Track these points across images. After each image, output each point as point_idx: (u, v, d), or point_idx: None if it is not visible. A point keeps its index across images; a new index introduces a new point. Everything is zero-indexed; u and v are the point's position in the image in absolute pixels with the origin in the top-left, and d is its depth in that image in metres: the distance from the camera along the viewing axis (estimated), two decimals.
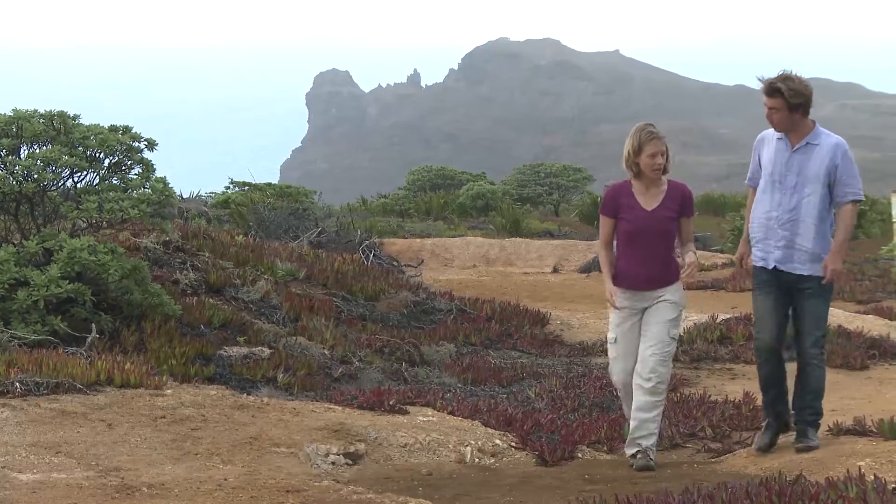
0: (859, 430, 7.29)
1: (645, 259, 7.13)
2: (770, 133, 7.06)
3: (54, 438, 6.76)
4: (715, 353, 10.92)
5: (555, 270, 21.02)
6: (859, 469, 5.37)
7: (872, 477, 4.92)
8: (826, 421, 7.77)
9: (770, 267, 7.00)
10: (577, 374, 10.22)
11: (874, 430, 7.18)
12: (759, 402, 7.55)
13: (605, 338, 7.61)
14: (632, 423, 7.19)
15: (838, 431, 7.37)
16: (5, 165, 9.49)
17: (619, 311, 7.22)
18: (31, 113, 9.71)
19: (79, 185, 9.75)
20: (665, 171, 7.17)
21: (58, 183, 9.66)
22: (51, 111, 9.78)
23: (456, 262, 22.00)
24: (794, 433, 7.17)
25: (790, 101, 6.81)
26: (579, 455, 7.63)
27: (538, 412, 8.72)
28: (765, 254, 7.03)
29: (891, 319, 12.49)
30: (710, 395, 9.06)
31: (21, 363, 7.85)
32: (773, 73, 6.96)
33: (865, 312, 13.37)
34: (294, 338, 10.40)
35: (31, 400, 7.37)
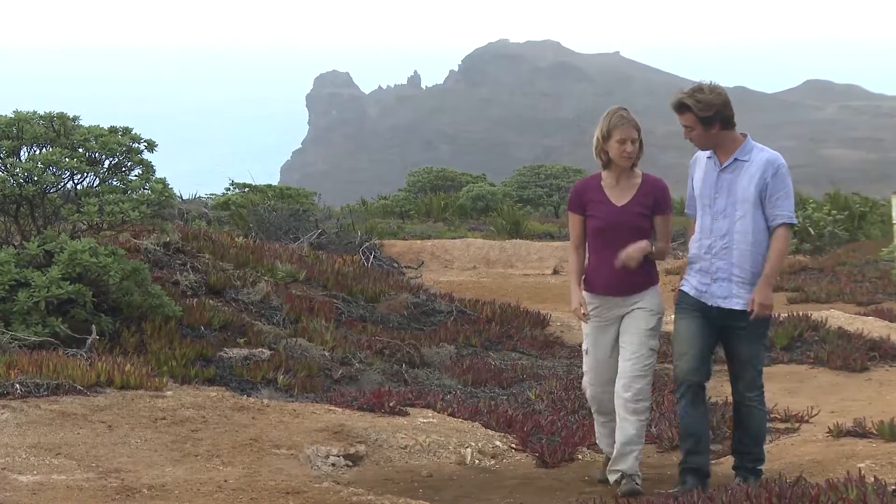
0: (859, 431, 7.31)
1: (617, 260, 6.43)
2: (702, 153, 6.43)
3: (54, 440, 6.76)
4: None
5: (555, 272, 21.02)
6: (859, 471, 5.36)
7: (873, 479, 4.91)
8: (826, 423, 7.79)
9: (710, 303, 6.32)
10: (577, 376, 10.18)
11: (874, 431, 7.20)
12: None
13: None
14: (615, 449, 6.56)
15: (839, 433, 7.39)
16: (6, 167, 9.49)
17: (591, 320, 6.57)
18: (31, 114, 9.71)
19: (79, 187, 9.74)
20: (635, 161, 6.50)
21: (58, 185, 9.66)
22: (51, 113, 9.78)
23: (456, 264, 21.99)
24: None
25: (701, 115, 6.18)
26: (580, 457, 7.62)
27: (538, 414, 8.72)
28: (699, 286, 6.37)
29: (891, 321, 12.47)
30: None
31: (21, 365, 7.84)
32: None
33: (865, 314, 13.36)
34: (294, 339, 10.39)
35: (31, 401, 7.37)
